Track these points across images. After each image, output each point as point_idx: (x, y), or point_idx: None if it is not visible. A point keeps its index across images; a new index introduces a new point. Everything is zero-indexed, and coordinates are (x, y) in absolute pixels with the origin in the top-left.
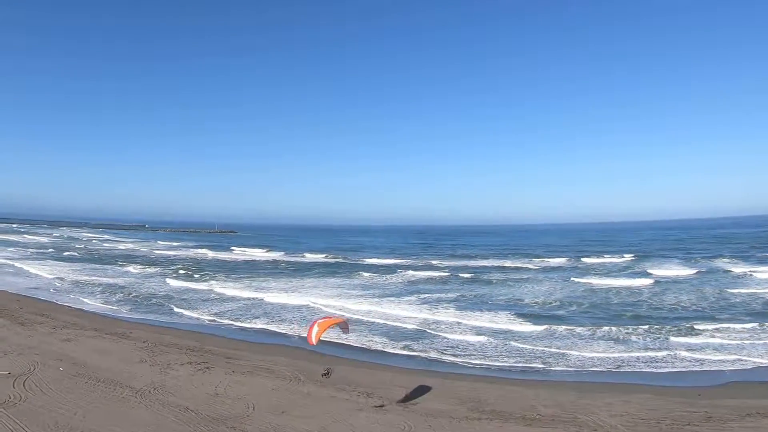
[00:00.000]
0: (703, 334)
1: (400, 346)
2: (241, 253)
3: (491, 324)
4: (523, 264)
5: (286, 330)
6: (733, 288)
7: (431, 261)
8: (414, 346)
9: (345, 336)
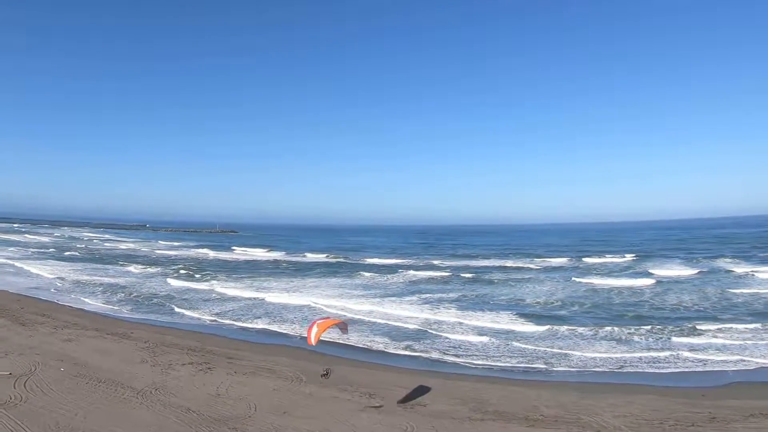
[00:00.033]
0: (705, 335)
1: (401, 347)
2: (242, 252)
3: (493, 324)
4: (525, 264)
5: (287, 330)
6: (735, 288)
7: (432, 261)
8: (416, 346)
9: (347, 336)
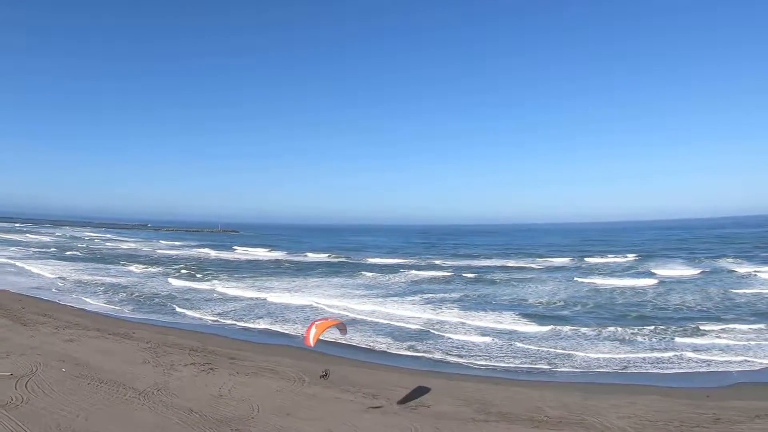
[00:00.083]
0: (709, 335)
1: (404, 347)
2: (243, 252)
3: (495, 324)
4: (527, 264)
5: (289, 330)
6: (738, 288)
7: (434, 260)
8: (418, 346)
9: (349, 337)
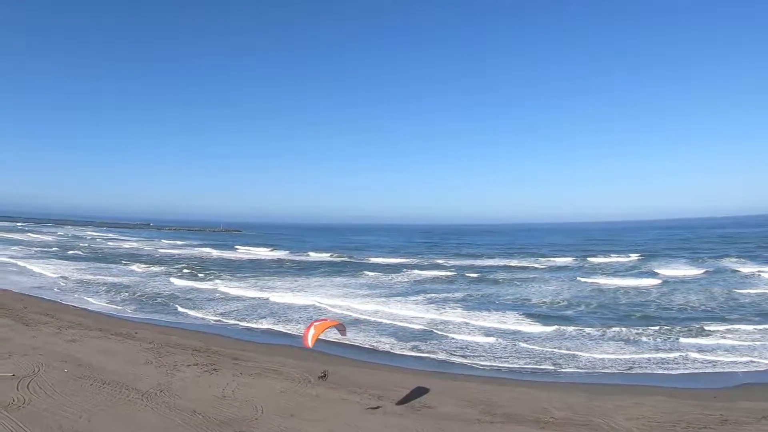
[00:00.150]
0: (713, 335)
1: (408, 347)
2: (245, 252)
3: (499, 324)
4: (530, 263)
5: (292, 330)
6: (742, 288)
7: (437, 260)
8: (422, 347)
9: (352, 337)
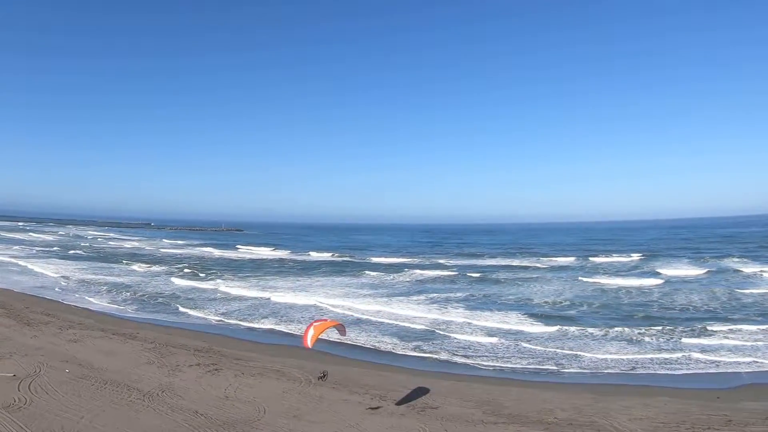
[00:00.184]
0: (716, 335)
1: (410, 348)
2: (247, 251)
3: (502, 324)
4: (531, 263)
5: (294, 330)
6: (745, 288)
7: (438, 260)
8: (424, 347)
9: (355, 337)
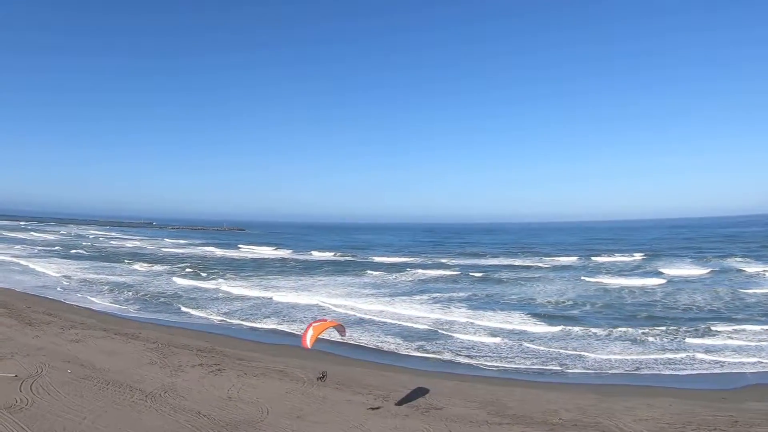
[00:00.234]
0: (720, 336)
1: (413, 348)
2: (249, 251)
3: (504, 324)
4: (534, 263)
5: (297, 330)
6: (748, 288)
7: (441, 259)
8: (428, 347)
9: (357, 337)
